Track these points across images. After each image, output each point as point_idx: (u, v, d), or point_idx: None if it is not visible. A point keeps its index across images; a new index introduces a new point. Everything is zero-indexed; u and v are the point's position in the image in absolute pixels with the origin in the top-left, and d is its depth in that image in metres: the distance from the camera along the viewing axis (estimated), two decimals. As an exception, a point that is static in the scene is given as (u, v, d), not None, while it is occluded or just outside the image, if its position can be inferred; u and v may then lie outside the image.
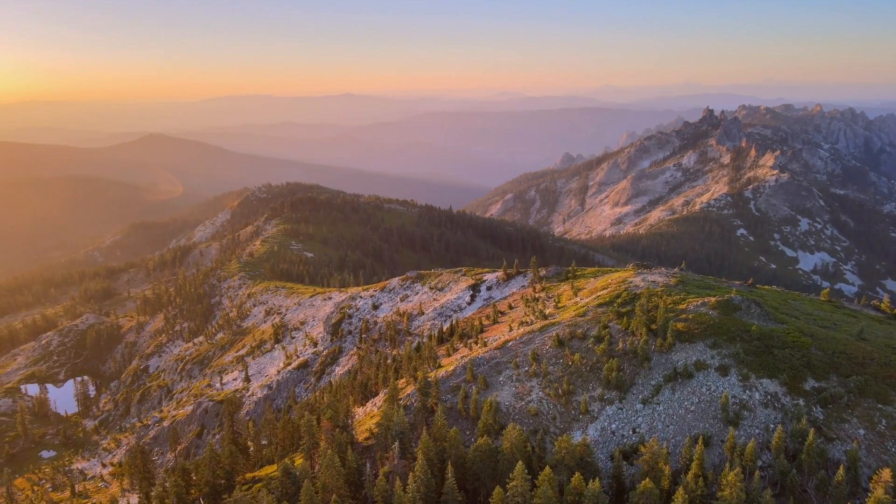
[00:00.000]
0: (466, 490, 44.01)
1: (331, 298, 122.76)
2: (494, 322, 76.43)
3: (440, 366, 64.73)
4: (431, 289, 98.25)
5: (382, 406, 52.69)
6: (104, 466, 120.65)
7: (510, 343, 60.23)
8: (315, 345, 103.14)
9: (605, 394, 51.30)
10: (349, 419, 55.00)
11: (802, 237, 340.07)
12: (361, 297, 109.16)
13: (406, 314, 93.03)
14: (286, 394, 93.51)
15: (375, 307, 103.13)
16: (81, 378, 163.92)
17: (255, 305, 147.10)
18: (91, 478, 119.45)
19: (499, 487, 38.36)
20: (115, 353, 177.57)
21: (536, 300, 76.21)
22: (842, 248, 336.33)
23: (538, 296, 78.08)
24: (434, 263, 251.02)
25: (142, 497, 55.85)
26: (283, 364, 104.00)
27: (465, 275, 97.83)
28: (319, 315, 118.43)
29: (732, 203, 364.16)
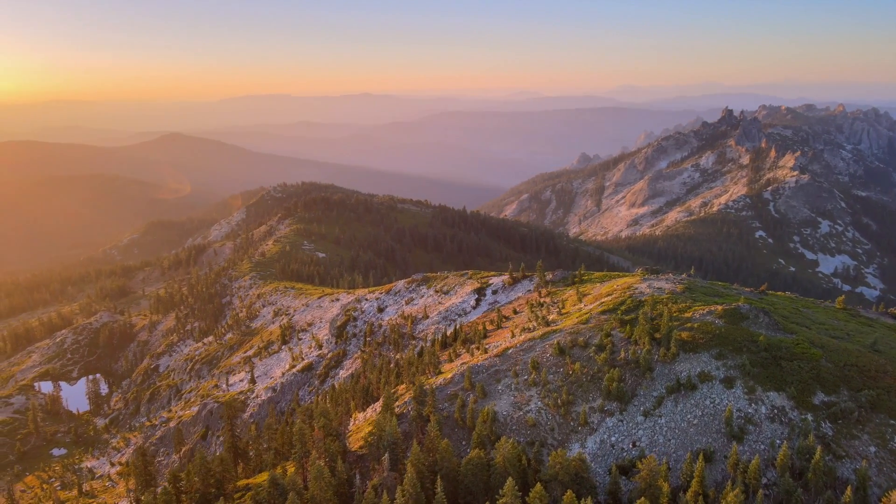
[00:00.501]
0: (458, 504, 42.79)
1: (338, 300, 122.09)
2: (498, 327, 75.04)
3: (440, 372, 63.52)
4: (437, 292, 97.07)
5: (377, 414, 51.57)
6: (112, 466, 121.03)
7: (510, 350, 58.84)
8: (320, 347, 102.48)
9: (606, 405, 49.74)
10: (344, 427, 54.02)
11: (823, 240, 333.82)
12: (367, 300, 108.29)
13: (410, 317, 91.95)
14: (290, 396, 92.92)
15: (380, 310, 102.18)
16: (93, 376, 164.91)
17: (265, 306, 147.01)
18: (99, 476, 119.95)
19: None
20: (128, 352, 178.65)
21: (541, 305, 74.69)
22: (863, 251, 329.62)
23: (543, 301, 76.55)
24: (446, 264, 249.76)
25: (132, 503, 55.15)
26: (289, 366, 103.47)
27: (471, 278, 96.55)
28: (327, 317, 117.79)
29: (751, 205, 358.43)
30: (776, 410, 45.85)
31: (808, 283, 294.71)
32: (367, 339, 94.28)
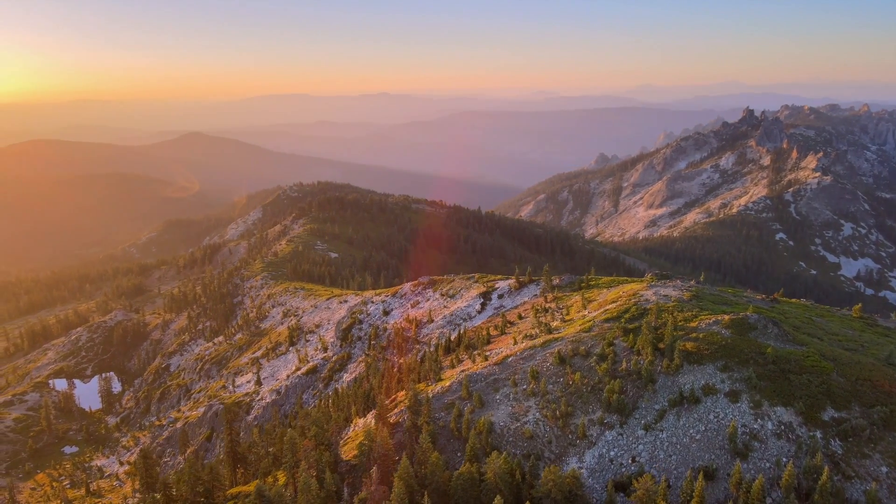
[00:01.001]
0: (448, 519, 41.47)
1: (346, 302, 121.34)
2: (502, 333, 73.55)
3: (440, 379, 62.23)
4: (442, 295, 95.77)
5: (370, 423, 50.42)
6: (121, 465, 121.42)
7: (510, 358, 57.35)
8: (325, 350, 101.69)
9: (605, 417, 48.09)
10: (344, 433, 52.96)
11: (845, 242, 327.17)
12: (373, 303, 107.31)
13: (415, 321, 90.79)
14: (294, 399, 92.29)
15: (386, 313, 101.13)
16: (105, 374, 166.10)
17: (274, 307, 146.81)
18: (108, 475, 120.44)
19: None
20: (141, 350, 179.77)
21: (546, 311, 73.07)
22: (887, 255, 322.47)
23: (548, 306, 74.91)
24: (460, 265, 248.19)
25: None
26: (294, 368, 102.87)
27: (478, 282, 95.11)
28: (334, 318, 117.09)
29: (772, 206, 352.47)
30: (783, 426, 43.89)
31: (830, 287, 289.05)
32: (372, 343, 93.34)
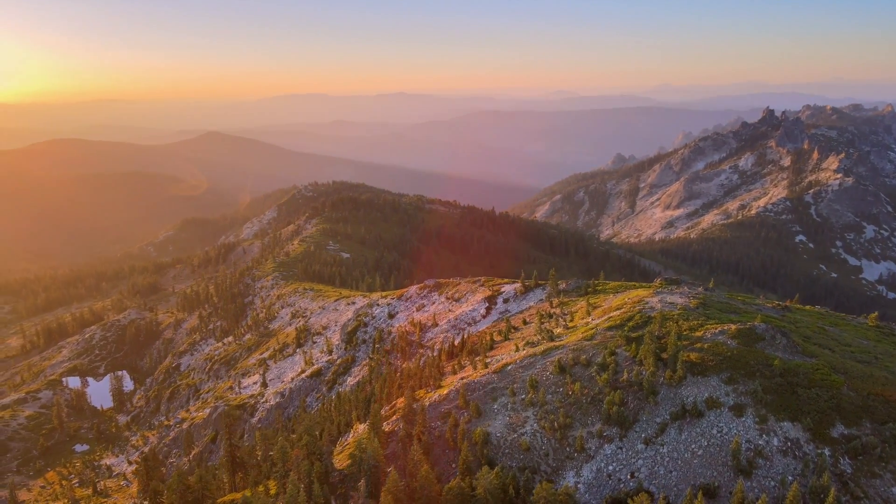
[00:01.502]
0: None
1: (354, 303, 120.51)
2: (506, 338, 72.14)
3: (440, 386, 61.03)
4: (448, 299, 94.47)
5: (362, 433, 49.33)
6: (130, 464, 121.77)
7: (509, 367, 55.95)
8: (330, 353, 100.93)
9: (605, 430, 46.54)
10: (333, 443, 51.96)
11: (867, 245, 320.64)
12: (378, 305, 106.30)
13: (419, 325, 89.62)
14: (298, 402, 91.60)
15: (391, 316, 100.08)
16: (116, 373, 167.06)
17: (283, 307, 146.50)
18: (116, 475, 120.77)
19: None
20: (153, 349, 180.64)
21: (551, 317, 71.52)
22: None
23: (553, 311, 73.35)
24: (473, 266, 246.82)
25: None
26: (299, 371, 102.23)
27: (484, 285, 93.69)
28: (342, 320, 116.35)
29: (791, 208, 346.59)
30: (790, 443, 42.06)
31: (851, 290, 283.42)
32: (376, 346, 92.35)
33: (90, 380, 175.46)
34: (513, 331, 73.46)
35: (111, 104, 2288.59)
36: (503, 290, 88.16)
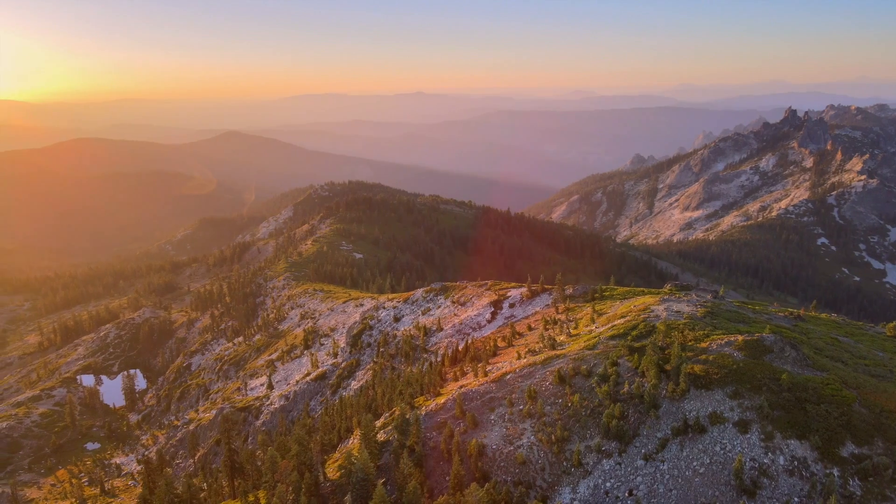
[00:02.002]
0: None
1: (362, 305, 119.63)
2: (510, 345, 70.62)
3: (440, 394, 59.73)
4: (454, 303, 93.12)
5: (354, 443, 48.17)
6: (139, 464, 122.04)
7: (508, 376, 54.46)
8: (335, 356, 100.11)
9: (604, 444, 44.89)
10: (326, 452, 50.87)
11: (892, 248, 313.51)
12: (385, 308, 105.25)
13: (424, 329, 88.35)
14: (302, 406, 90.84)
15: (397, 319, 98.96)
16: (128, 372, 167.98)
17: (293, 308, 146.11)
18: (125, 474, 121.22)
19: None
20: (166, 348, 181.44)
21: (555, 323, 69.85)
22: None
23: (558, 318, 71.65)
24: (486, 267, 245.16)
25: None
26: (304, 373, 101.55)
27: (490, 289, 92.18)
28: (349, 322, 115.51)
29: (813, 210, 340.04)
30: (796, 462, 40.12)
31: (874, 294, 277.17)
32: (381, 350, 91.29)
33: (104, 378, 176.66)
34: (517, 337, 71.93)
35: (134, 103, 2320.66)
36: (509, 295, 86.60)
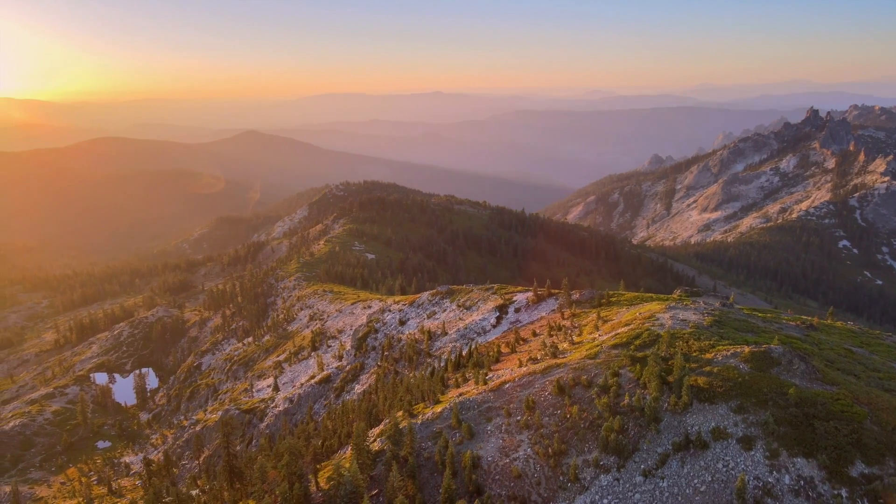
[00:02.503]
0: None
1: (370, 307, 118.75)
2: (513, 351, 69.18)
3: (439, 401, 58.49)
4: (459, 306, 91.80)
5: (347, 455, 47.08)
6: (147, 463, 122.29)
7: (507, 385, 53.05)
8: (340, 358, 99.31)
9: (602, 458, 43.33)
10: (322, 459, 49.89)
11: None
12: (391, 311, 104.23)
13: (428, 333, 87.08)
14: (306, 409, 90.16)
15: (402, 322, 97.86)
16: (140, 371, 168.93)
17: (302, 309, 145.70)
18: (133, 473, 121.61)
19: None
20: (178, 348, 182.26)
21: (560, 329, 68.27)
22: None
23: (563, 324, 70.05)
24: (499, 269, 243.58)
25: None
26: (310, 376, 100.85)
27: (496, 293, 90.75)
28: (357, 324, 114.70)
29: (835, 212, 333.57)
30: (803, 481, 38.26)
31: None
32: (385, 354, 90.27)
33: (117, 376, 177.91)
34: (521, 343, 70.45)
35: (155, 103, 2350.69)
36: (515, 299, 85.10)
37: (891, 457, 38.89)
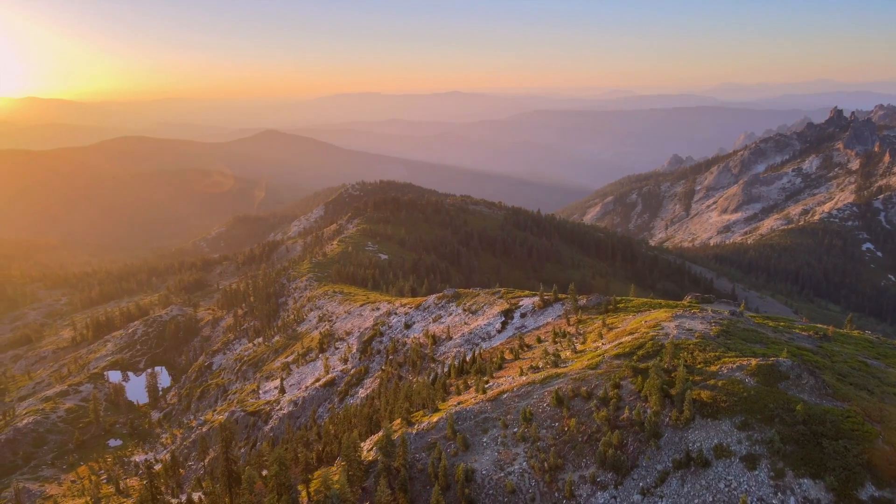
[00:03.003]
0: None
1: (378, 309, 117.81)
2: (517, 357, 67.64)
3: (438, 409, 57.19)
4: (465, 311, 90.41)
5: (336, 466, 45.97)
6: (156, 462, 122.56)
7: (505, 395, 51.59)
8: (346, 361, 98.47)
9: (599, 475, 41.73)
10: (308, 472, 48.85)
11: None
12: (397, 314, 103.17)
13: (433, 337, 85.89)
14: (310, 412, 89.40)
15: (407, 326, 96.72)
16: (152, 369, 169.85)
17: (312, 310, 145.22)
18: (141, 473, 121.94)
19: None
20: (190, 347, 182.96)
21: (564, 336, 66.60)
22: None
23: (568, 330, 68.35)
24: (514, 270, 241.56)
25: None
26: (316, 378, 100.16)
27: (502, 297, 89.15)
28: (364, 327, 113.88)
29: (859, 214, 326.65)
30: (809, 504, 36.39)
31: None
32: (390, 358, 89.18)
33: (130, 374, 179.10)
34: (524, 349, 68.90)
35: (177, 103, 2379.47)
36: (521, 304, 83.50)
37: (903, 479, 36.82)
